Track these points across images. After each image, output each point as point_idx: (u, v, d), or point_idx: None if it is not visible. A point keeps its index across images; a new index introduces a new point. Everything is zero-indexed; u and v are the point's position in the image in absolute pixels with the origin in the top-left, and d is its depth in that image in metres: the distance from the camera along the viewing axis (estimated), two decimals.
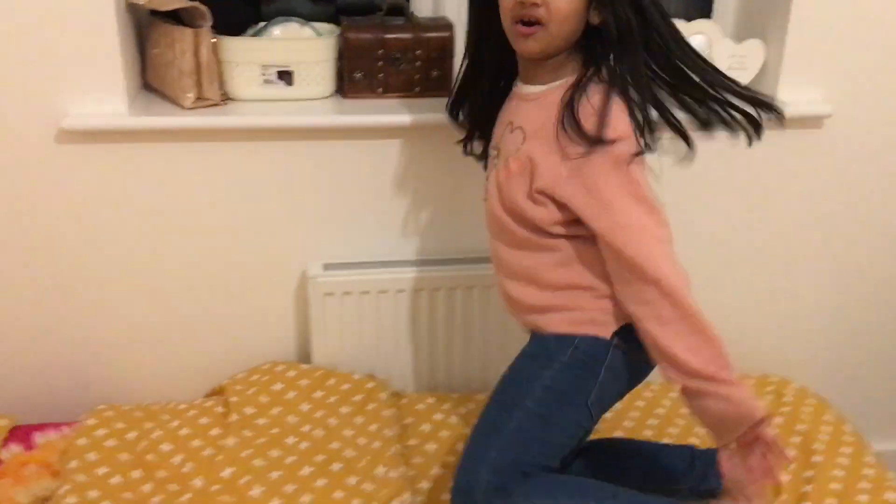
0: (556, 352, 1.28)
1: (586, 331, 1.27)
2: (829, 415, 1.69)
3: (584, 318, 1.28)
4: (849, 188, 1.85)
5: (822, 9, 1.69)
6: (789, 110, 1.73)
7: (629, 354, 1.27)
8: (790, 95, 1.74)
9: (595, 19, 1.20)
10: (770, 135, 1.74)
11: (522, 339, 1.76)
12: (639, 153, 1.19)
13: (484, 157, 1.49)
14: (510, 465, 1.20)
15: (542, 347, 1.32)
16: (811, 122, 1.78)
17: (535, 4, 1.16)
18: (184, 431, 1.54)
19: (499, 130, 1.37)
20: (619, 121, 1.18)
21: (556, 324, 1.30)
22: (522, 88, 1.31)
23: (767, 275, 1.91)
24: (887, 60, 1.75)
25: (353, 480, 1.41)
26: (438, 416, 1.66)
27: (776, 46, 1.73)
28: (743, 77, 1.77)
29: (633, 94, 1.19)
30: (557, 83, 1.25)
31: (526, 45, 1.21)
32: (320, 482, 1.41)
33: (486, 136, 1.45)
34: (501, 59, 1.34)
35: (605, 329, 1.27)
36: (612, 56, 1.21)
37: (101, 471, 1.42)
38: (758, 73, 1.77)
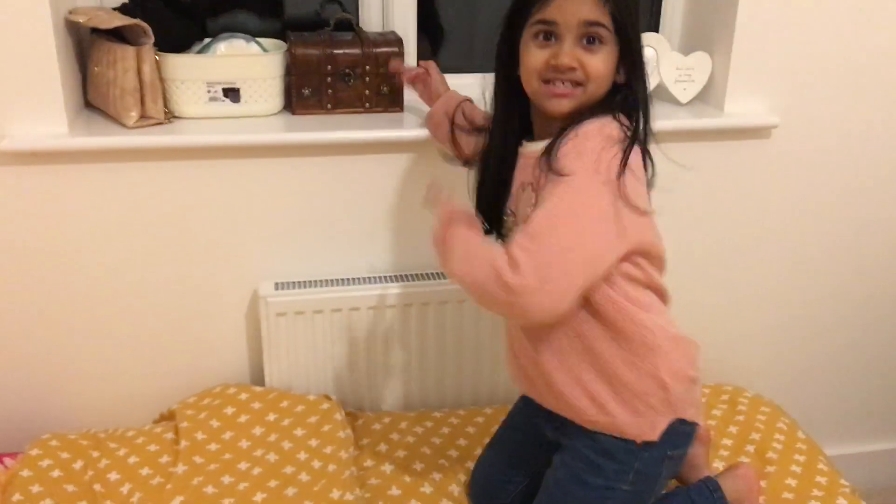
0: (615, 479, 1.25)
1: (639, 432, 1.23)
2: (783, 422, 1.71)
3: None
4: (797, 197, 1.88)
5: (767, 22, 1.71)
6: (737, 122, 1.76)
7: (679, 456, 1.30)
8: (737, 107, 1.76)
9: (621, 79, 1.20)
10: (719, 146, 1.79)
11: (479, 356, 1.76)
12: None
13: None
14: None
15: (597, 471, 1.26)
16: (758, 132, 1.81)
17: (573, 69, 1.16)
18: (132, 460, 1.49)
19: (513, 195, 1.29)
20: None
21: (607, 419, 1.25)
22: (528, 147, 1.25)
23: (719, 284, 1.92)
24: (830, 71, 1.78)
25: None
26: (395, 436, 1.63)
27: (723, 59, 1.75)
28: (690, 89, 1.79)
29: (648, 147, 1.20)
30: None
31: (560, 105, 1.18)
32: None
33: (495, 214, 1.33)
34: (509, 120, 1.29)
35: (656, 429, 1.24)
36: (634, 112, 1.20)
37: (46, 503, 1.37)
38: (705, 86, 1.79)
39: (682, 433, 1.28)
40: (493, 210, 1.31)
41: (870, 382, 2.14)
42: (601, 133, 1.13)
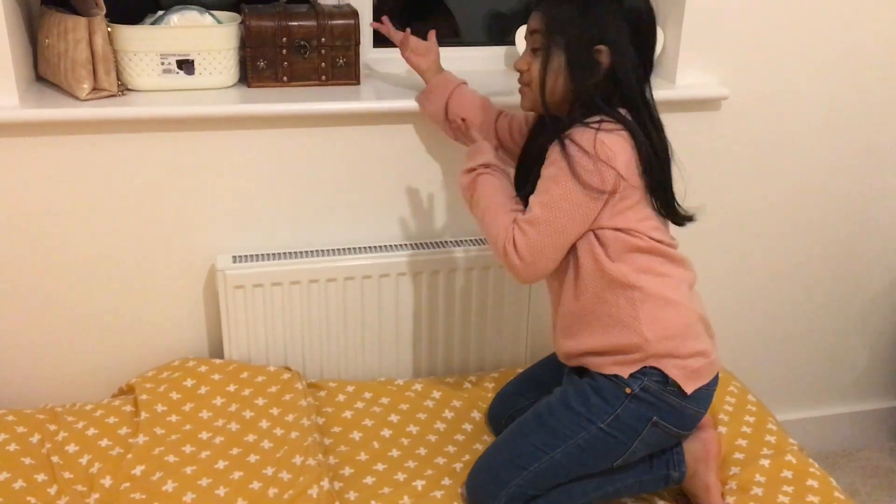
0: (596, 413, 1.36)
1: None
2: (734, 386, 1.76)
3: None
4: (745, 167, 1.93)
5: None
6: (688, 93, 1.80)
7: (667, 430, 1.38)
8: (688, 79, 1.80)
9: (571, 85, 1.35)
10: (671, 117, 1.81)
11: (436, 327, 1.78)
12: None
13: None
14: (528, 493, 1.38)
15: (584, 400, 1.38)
16: (709, 104, 1.85)
17: (521, 71, 1.41)
18: (91, 432, 1.49)
19: None
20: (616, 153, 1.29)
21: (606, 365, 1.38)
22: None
23: None
24: (778, 45, 1.83)
25: (269, 471, 1.39)
26: (360, 405, 1.65)
27: (674, 33, 1.79)
28: None
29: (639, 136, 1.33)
30: None
31: (521, 103, 1.44)
32: (236, 474, 1.39)
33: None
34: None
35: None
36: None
37: (3, 476, 1.36)
38: (657, 58, 1.82)
39: (672, 406, 1.34)
40: (526, 185, 1.46)
41: (816, 351, 2.20)
42: (584, 134, 1.30)
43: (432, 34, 1.66)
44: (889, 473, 2.24)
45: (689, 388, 1.34)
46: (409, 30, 1.63)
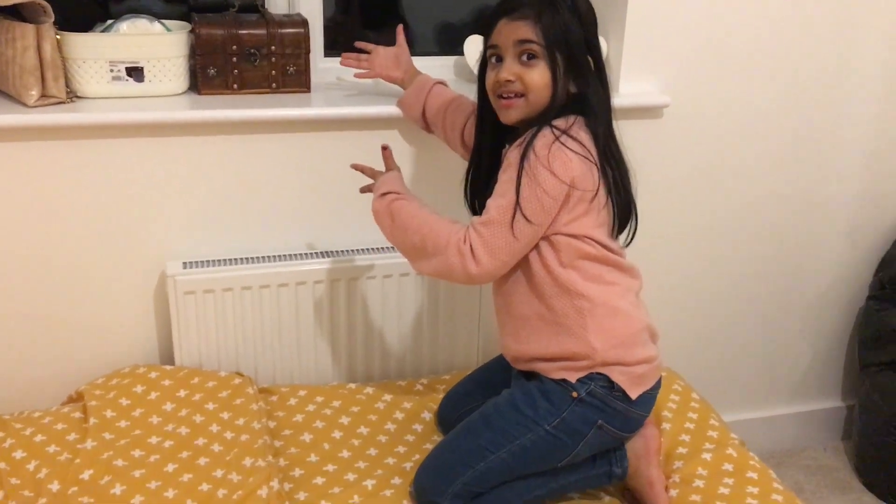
0: (543, 416, 1.38)
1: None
2: (678, 384, 1.80)
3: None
4: (687, 173, 1.99)
5: (658, 7, 1.81)
6: (631, 101, 1.85)
7: (612, 433, 1.41)
8: (631, 87, 1.85)
9: (573, 88, 1.35)
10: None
11: (388, 331, 1.80)
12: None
13: None
14: (473, 490, 1.40)
15: (531, 402, 1.40)
16: (651, 112, 1.90)
17: (510, 81, 1.35)
18: (39, 438, 1.48)
19: None
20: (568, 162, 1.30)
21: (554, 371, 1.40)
22: (508, 150, 1.39)
23: None
24: (718, 53, 1.90)
25: (219, 473, 1.40)
26: (311, 408, 1.66)
27: (616, 42, 1.84)
28: None
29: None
30: None
31: (508, 114, 1.38)
32: (185, 477, 1.39)
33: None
34: (495, 133, 1.48)
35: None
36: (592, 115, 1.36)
37: None
38: None
39: (617, 410, 1.38)
40: (479, 198, 1.49)
41: (759, 353, 2.26)
42: (547, 139, 1.30)
43: (400, 30, 1.71)
44: (832, 471, 2.31)
45: (634, 394, 1.38)
46: (373, 51, 1.70)
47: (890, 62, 2.02)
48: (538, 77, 1.33)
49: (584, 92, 1.35)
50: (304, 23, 1.72)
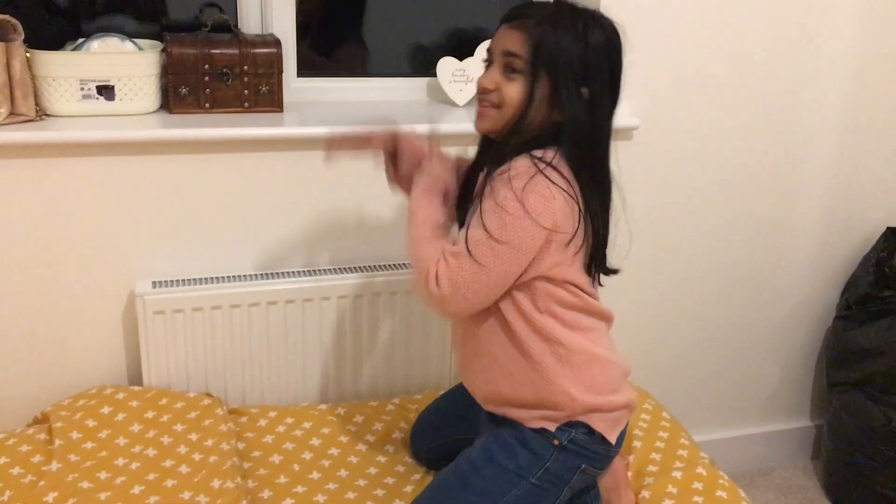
0: (525, 468, 1.32)
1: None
2: (649, 403, 1.81)
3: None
4: (657, 195, 2.01)
5: (629, 30, 1.82)
6: None
7: (593, 474, 1.38)
8: None
9: (557, 116, 1.26)
10: None
11: (360, 352, 1.79)
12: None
13: None
14: None
15: (510, 454, 1.33)
16: (621, 134, 1.93)
17: (488, 90, 1.28)
18: (2, 460, 1.45)
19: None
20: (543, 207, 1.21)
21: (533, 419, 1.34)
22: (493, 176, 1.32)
23: None
24: (686, 77, 1.93)
25: (187, 495, 1.38)
26: (281, 429, 1.65)
27: None
28: None
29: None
30: None
31: (480, 123, 1.32)
32: (152, 499, 1.37)
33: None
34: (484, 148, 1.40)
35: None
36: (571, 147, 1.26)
37: None
38: None
39: (599, 453, 1.35)
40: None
41: (729, 373, 2.28)
42: (527, 173, 1.22)
43: (428, 134, 1.48)
44: (803, 490, 2.32)
45: (613, 437, 1.35)
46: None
47: (850, 90, 2.07)
48: (514, 93, 1.26)
49: (568, 121, 1.25)
50: (276, 43, 1.72)
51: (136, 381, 1.73)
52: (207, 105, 1.70)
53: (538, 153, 1.25)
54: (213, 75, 1.68)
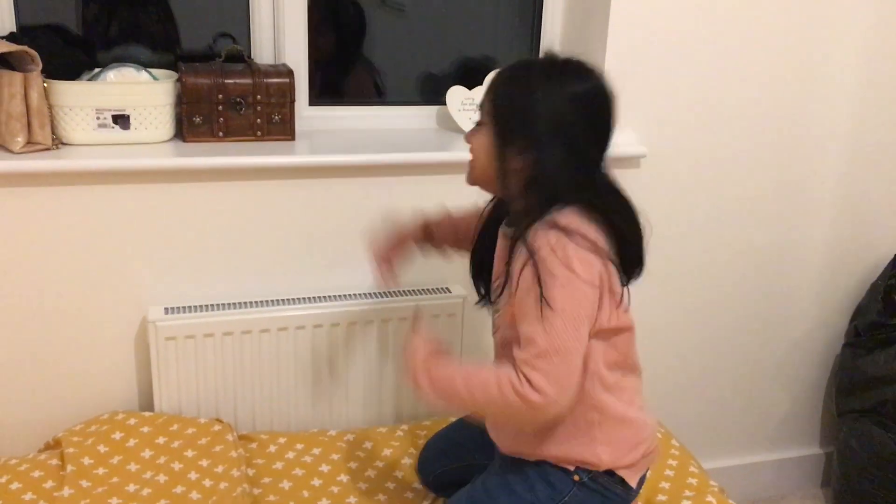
0: (543, 501, 1.31)
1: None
2: (658, 431, 1.81)
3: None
4: (665, 222, 2.02)
5: (636, 60, 1.86)
6: (610, 152, 1.88)
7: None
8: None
9: (515, 164, 1.23)
10: None
11: (370, 379, 1.80)
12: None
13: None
14: None
15: (528, 486, 1.32)
16: (629, 162, 1.94)
17: (467, 142, 1.32)
18: (14, 486, 1.46)
19: (495, 270, 1.38)
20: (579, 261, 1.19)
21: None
22: (503, 228, 1.35)
23: None
24: (693, 106, 1.95)
25: None
26: (291, 455, 1.65)
27: None
28: None
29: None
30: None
31: (466, 176, 1.34)
32: None
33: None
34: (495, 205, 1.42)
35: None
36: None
37: None
38: None
39: (618, 494, 1.34)
40: (485, 277, 1.42)
41: (738, 400, 2.28)
42: (559, 244, 1.19)
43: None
44: None
45: (633, 482, 1.35)
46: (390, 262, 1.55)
47: (857, 117, 2.08)
48: (477, 143, 1.29)
49: (539, 174, 1.22)
50: (289, 73, 1.75)
51: (148, 406, 1.74)
52: (221, 134, 1.72)
53: (553, 219, 1.21)
54: (227, 104, 1.70)
